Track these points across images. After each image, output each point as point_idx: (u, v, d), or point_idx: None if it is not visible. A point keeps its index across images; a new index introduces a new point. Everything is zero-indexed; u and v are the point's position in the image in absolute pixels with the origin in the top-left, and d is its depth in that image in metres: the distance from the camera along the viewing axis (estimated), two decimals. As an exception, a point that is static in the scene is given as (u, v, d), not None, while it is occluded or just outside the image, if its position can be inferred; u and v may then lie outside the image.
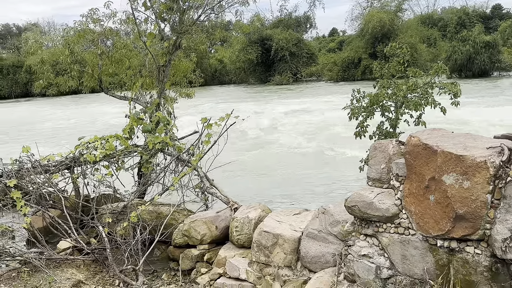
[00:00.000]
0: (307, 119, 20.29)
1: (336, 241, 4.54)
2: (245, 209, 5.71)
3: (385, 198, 3.92)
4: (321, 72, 46.45)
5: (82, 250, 5.96)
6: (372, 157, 4.19)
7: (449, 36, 46.39)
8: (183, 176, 6.64)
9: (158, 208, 6.35)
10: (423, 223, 3.65)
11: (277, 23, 51.13)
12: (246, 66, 47.75)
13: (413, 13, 57.65)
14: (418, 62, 35.03)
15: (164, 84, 8.08)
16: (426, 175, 3.59)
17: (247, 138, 16.44)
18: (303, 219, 5.12)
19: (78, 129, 19.81)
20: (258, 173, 11.80)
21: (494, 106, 19.63)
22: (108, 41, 8.64)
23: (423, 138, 3.69)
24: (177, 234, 5.86)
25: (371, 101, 7.12)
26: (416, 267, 3.74)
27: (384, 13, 42.43)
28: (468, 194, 3.30)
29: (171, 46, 7.84)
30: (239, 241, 5.38)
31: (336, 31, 71.23)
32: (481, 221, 3.28)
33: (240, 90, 42.41)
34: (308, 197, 9.51)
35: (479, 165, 3.24)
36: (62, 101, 39.24)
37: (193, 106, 20.71)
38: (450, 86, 6.63)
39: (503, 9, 55.41)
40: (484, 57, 36.07)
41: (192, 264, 5.64)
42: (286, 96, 32.78)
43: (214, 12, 8.12)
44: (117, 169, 6.99)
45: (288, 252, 4.81)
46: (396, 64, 7.25)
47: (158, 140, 6.95)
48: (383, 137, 7.31)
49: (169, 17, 7.90)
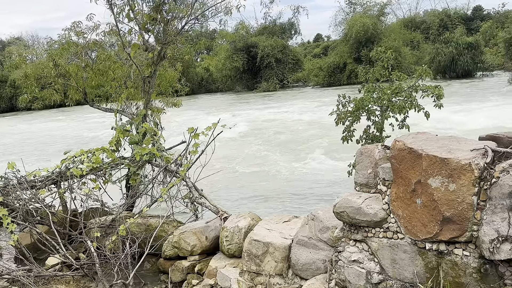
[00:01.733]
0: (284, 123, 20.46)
1: (326, 248, 4.54)
2: (234, 218, 5.69)
3: (373, 203, 3.94)
4: (307, 78, 46.65)
5: (71, 266, 5.88)
6: (358, 162, 4.21)
7: (432, 39, 46.99)
8: (171, 187, 6.60)
9: (147, 220, 6.30)
10: (411, 227, 3.67)
11: (262, 30, 51.29)
12: (233, 74, 47.78)
13: (395, 17, 58.26)
14: (402, 65, 35.38)
15: (149, 94, 8.04)
16: (412, 179, 3.61)
17: (231, 146, 16.42)
18: (293, 226, 5.11)
19: (64, 143, 19.63)
20: (246, 181, 11.78)
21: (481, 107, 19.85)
22: (92, 53, 8.59)
23: (408, 142, 3.72)
24: (167, 246, 5.82)
25: (356, 106, 7.18)
26: (406, 271, 3.75)
27: (367, 17, 42.79)
28: (454, 196, 3.33)
29: (155, 56, 7.82)
30: (230, 251, 5.35)
31: (320, 37, 71.64)
32: (468, 223, 3.30)
33: (226, 98, 42.42)
34: (298, 202, 9.51)
35: (464, 168, 3.28)
36: (47, 115, 38.88)
37: (179, 115, 20.65)
38: (433, 88, 6.71)
39: (483, 10, 56.25)
40: (467, 58, 36.51)
41: (183, 276, 5.60)
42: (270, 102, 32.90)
43: (198, 22, 8.13)
44: (104, 182, 6.93)
45: (279, 260, 4.80)
46: (380, 69, 7.33)
47: (146, 151, 6.91)
48: (370, 141, 7.36)
49: (153, 28, 7.87)
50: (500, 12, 54.77)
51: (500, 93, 24.83)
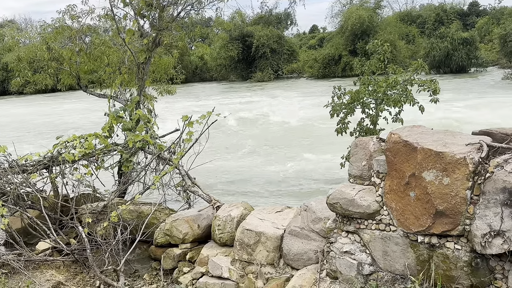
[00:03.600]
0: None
1: (318, 238, 4.55)
2: (227, 207, 5.69)
3: (366, 195, 3.94)
4: (302, 69, 46.53)
5: (62, 251, 5.86)
6: (353, 154, 4.21)
7: (428, 33, 46.99)
8: (164, 174, 6.57)
9: (139, 207, 6.27)
10: (404, 219, 3.68)
11: (258, 19, 50.95)
12: (227, 63, 47.50)
13: (392, 10, 58.21)
14: (397, 58, 35.35)
15: (144, 81, 7.97)
16: (406, 172, 3.62)
17: (226, 134, 16.39)
18: (286, 217, 5.12)
19: (56, 128, 19.49)
20: (239, 170, 11.77)
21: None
22: (86, 38, 8.48)
23: (403, 135, 3.72)
24: (159, 234, 5.81)
25: (352, 98, 7.17)
26: (397, 263, 3.78)
27: (363, 10, 42.64)
28: (448, 190, 3.34)
29: (150, 43, 7.74)
30: (222, 240, 5.35)
31: (316, 28, 71.35)
32: (461, 217, 3.32)
33: (220, 87, 42.24)
34: (289, 193, 9.53)
35: (459, 162, 3.28)
36: (39, 99, 38.50)
37: (174, 103, 20.55)
38: (429, 83, 6.71)
39: (479, 6, 56.33)
40: (462, 53, 36.59)
41: (174, 263, 5.60)
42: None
43: (194, 9, 8.05)
44: (96, 168, 6.88)
45: (270, 250, 4.81)
46: (376, 62, 7.31)
47: (139, 138, 6.86)
48: (364, 134, 7.37)
49: (148, 14, 7.78)
50: (496, 8, 54.86)
51: (493, 89, 24.95)
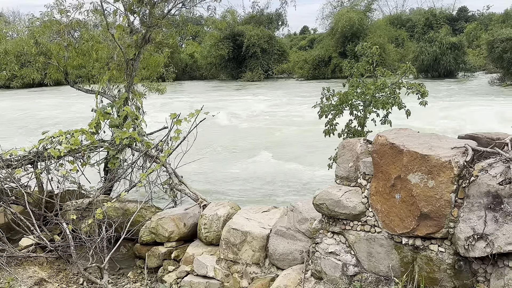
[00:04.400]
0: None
1: (304, 239, 4.56)
2: (214, 206, 5.67)
3: (352, 196, 3.96)
4: (292, 70, 46.60)
5: (45, 248, 5.79)
6: (340, 155, 4.23)
7: (417, 37, 47.33)
8: (151, 172, 6.54)
9: (124, 204, 6.23)
10: (389, 221, 3.71)
11: (249, 19, 50.89)
12: (217, 62, 47.33)
13: (382, 13, 58.55)
14: (386, 61, 35.58)
15: (132, 78, 7.92)
16: (392, 174, 3.64)
17: (216, 132, 16.35)
18: (272, 217, 5.12)
19: (41, 123, 19.26)
20: (227, 169, 11.75)
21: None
22: (75, 32, 8.40)
23: (390, 137, 3.74)
24: (144, 232, 5.78)
25: (340, 99, 7.19)
26: (382, 264, 3.80)
27: (353, 12, 42.84)
28: (433, 193, 3.37)
29: (140, 39, 7.69)
30: (208, 239, 5.34)
31: (307, 29, 71.49)
32: (445, 220, 3.35)
33: (206, 85, 42.13)
34: (278, 193, 9.54)
35: (444, 165, 3.31)
36: (26, 93, 38.02)
37: (162, 100, 20.44)
38: (417, 86, 6.76)
39: (468, 12, 56.90)
40: (450, 58, 36.93)
41: (159, 261, 5.57)
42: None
43: (185, 6, 8.01)
44: (82, 165, 6.82)
45: (256, 250, 4.81)
46: (365, 64, 7.34)
47: (126, 135, 6.82)
48: (351, 135, 7.40)
49: (138, 10, 7.73)
50: (485, 14, 55.49)
51: (480, 94, 25.26)
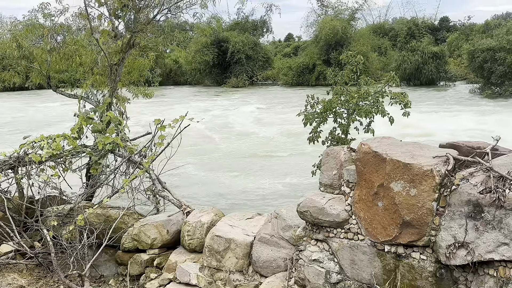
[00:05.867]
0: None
1: (288, 246, 4.57)
2: (197, 213, 5.65)
3: (336, 204, 3.99)
4: (277, 76, 46.81)
5: (25, 254, 5.70)
6: (324, 163, 4.26)
7: (399, 46, 47.97)
8: (134, 178, 6.47)
9: (106, 211, 6.16)
10: (372, 229, 3.74)
11: (234, 25, 51.02)
12: (202, 68, 47.28)
13: (365, 22, 59.08)
14: (369, 70, 35.98)
15: (116, 83, 7.86)
16: (375, 182, 3.68)
17: (201, 140, 16.31)
18: (256, 224, 5.12)
19: (22, 127, 18.96)
20: (211, 176, 11.72)
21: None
22: (58, 36, 8.31)
23: (373, 146, 3.79)
24: (126, 238, 5.71)
25: (325, 107, 7.24)
26: (364, 272, 3.83)
27: (337, 21, 43.25)
28: (415, 201, 3.42)
29: (124, 44, 7.65)
30: (191, 246, 5.31)
31: (291, 37, 71.86)
32: (426, 228, 3.40)
33: (190, 91, 42.02)
34: (261, 200, 9.54)
35: (426, 174, 3.36)
36: (7, 97, 37.43)
37: (146, 106, 20.31)
38: (401, 96, 6.85)
39: (450, 22, 57.89)
40: (432, 67, 37.54)
41: (141, 269, 5.51)
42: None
43: (171, 12, 7.99)
44: (64, 170, 6.72)
45: (240, 257, 4.80)
46: (349, 72, 7.42)
47: (109, 140, 6.75)
48: (335, 143, 7.45)
49: (123, 15, 7.69)
50: (466, 24, 56.56)
51: (460, 103, 25.72)
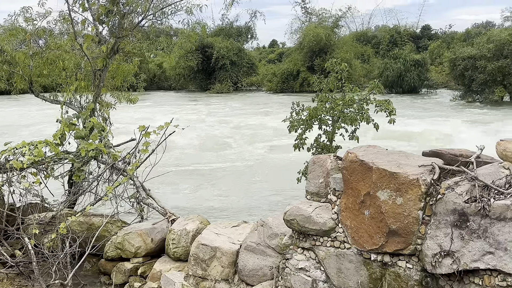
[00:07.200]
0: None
1: (274, 254, 4.55)
2: (182, 221, 5.60)
3: (322, 212, 3.99)
4: (261, 82, 46.93)
5: (6, 263, 5.59)
6: (311, 171, 4.26)
7: (382, 53, 48.53)
8: (117, 185, 6.38)
9: (89, 219, 6.07)
10: (358, 237, 3.75)
11: (219, 31, 51.06)
12: (186, 73, 47.13)
13: (349, 30, 59.63)
14: (352, 77, 36.27)
15: (100, 88, 7.76)
16: (361, 191, 3.69)
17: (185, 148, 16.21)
18: (242, 232, 5.09)
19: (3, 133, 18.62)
20: (199, 184, 11.65)
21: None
22: (41, 41, 8.18)
23: (360, 154, 3.80)
24: (110, 247, 5.63)
25: (310, 114, 7.26)
26: (351, 280, 3.83)
27: (321, 28, 43.60)
28: (401, 210, 3.44)
29: (109, 49, 7.57)
30: (176, 254, 5.25)
31: (276, 43, 72.16)
32: (412, 237, 3.41)
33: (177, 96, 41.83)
34: (248, 208, 9.51)
35: (412, 183, 3.38)
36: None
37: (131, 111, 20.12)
38: (386, 104, 6.91)
39: (432, 30, 58.81)
40: (414, 74, 38.07)
41: (125, 278, 5.43)
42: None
43: (156, 19, 7.94)
44: (45, 177, 6.60)
45: (225, 265, 4.76)
46: (334, 80, 7.46)
47: (92, 147, 6.65)
48: (320, 150, 7.47)
49: (108, 20, 7.61)
50: (447, 33, 57.54)
51: (442, 110, 26.13)
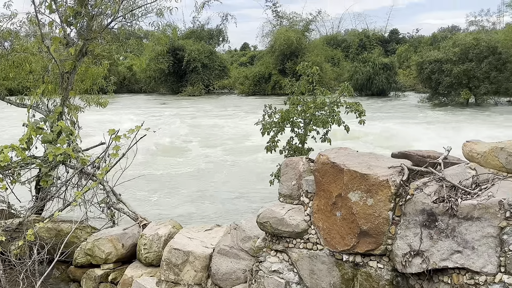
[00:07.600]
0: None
1: (248, 257, 4.54)
2: (154, 225, 5.53)
3: (295, 214, 4.01)
4: (233, 85, 46.97)
5: (-31, 273, 5.37)
6: (283, 173, 4.28)
7: (352, 57, 49.32)
8: (87, 190, 6.26)
9: (58, 225, 5.93)
10: (330, 239, 3.78)
11: (190, 34, 50.83)
12: (157, 76, 46.66)
13: (319, 33, 60.36)
14: (323, 80, 36.69)
15: (68, 91, 7.60)
16: (333, 192, 3.74)
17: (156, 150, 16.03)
18: (215, 235, 5.07)
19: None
20: (168, 188, 11.52)
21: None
22: (6, 42, 7.96)
23: (331, 156, 3.85)
24: (79, 253, 5.51)
25: (282, 117, 7.31)
26: (323, 282, 3.86)
27: (292, 32, 43.99)
28: (372, 211, 3.49)
29: (77, 52, 7.42)
30: (148, 260, 5.18)
31: (247, 46, 72.34)
32: (383, 237, 3.47)
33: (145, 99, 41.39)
34: (221, 212, 9.46)
35: (382, 184, 3.44)
36: None
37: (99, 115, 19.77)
38: (356, 105, 7.03)
39: (399, 34, 60.18)
40: (382, 77, 38.86)
41: (95, 285, 5.32)
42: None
43: (126, 21, 7.83)
44: (12, 182, 6.41)
45: (198, 270, 4.73)
46: (305, 83, 7.53)
47: (60, 151, 6.50)
48: (293, 152, 7.53)
49: (76, 22, 7.47)
50: (414, 37, 58.96)
51: (409, 112, 26.75)
